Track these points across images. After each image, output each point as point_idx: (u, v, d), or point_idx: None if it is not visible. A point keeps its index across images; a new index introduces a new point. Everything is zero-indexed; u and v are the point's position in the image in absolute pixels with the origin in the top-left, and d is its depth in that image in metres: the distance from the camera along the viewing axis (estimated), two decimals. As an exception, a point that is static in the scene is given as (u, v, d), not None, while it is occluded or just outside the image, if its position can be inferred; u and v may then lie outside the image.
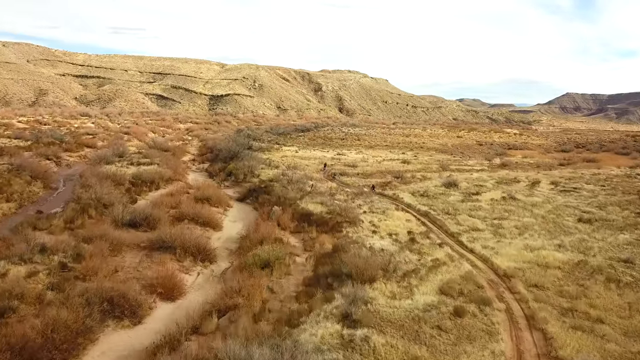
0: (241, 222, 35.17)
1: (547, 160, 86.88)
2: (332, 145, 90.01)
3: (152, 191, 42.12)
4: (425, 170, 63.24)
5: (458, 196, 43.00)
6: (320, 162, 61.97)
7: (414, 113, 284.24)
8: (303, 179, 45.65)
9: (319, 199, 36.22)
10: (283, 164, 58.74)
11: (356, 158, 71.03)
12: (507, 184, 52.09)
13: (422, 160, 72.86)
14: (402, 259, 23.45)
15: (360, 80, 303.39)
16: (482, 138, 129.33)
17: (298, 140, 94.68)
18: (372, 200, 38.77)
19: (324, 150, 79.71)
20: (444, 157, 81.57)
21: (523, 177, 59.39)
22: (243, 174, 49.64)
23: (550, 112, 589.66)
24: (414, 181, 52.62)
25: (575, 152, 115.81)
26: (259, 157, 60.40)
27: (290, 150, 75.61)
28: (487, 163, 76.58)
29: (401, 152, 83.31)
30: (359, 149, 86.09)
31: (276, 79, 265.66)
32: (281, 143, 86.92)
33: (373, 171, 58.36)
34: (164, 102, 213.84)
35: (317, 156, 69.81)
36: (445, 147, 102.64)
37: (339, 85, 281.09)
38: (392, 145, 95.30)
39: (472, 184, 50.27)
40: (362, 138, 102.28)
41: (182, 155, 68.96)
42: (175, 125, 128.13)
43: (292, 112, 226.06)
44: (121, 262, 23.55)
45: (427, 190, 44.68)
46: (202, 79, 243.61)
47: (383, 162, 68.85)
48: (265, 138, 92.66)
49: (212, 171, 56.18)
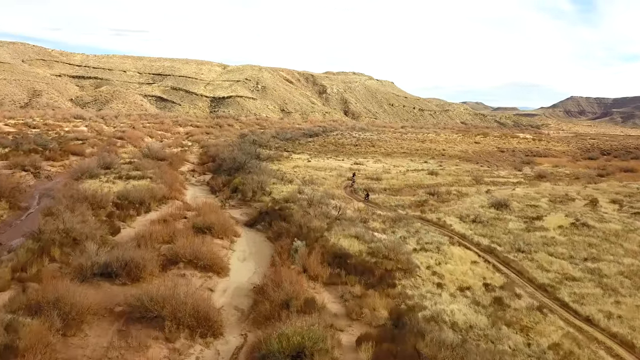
0: (253, 260, 27.17)
1: (582, 170, 78.85)
2: (345, 152, 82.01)
3: (141, 215, 34.07)
4: (458, 183, 55.33)
5: (517, 222, 35.04)
6: (338, 175, 53.96)
7: (421, 116, 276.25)
8: (324, 198, 37.61)
9: (353, 231, 28.19)
10: (296, 176, 50.75)
11: (376, 168, 63.02)
12: (562, 203, 44.13)
13: (450, 171, 64.85)
14: (505, 347, 15.43)
15: (366, 82, 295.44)
16: (500, 144, 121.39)
17: (308, 146, 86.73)
18: (418, 230, 30.75)
19: (338, 159, 71.70)
20: (471, 166, 73.58)
21: (573, 192, 51.39)
22: (252, 191, 41.59)
23: (554, 115, 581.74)
24: (452, 199, 44.70)
25: (604, 159, 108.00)
26: (268, 168, 52.39)
27: (302, 159, 67.61)
28: (520, 174, 68.57)
29: (423, 161, 75.33)
30: (375, 156, 78.08)
31: (279, 81, 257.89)
32: (290, 150, 78.93)
33: (401, 185, 50.37)
34: (164, 104, 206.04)
35: (332, 166, 61.80)
36: (467, 154, 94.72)
37: (344, 88, 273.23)
38: (410, 152, 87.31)
39: (524, 203, 42.31)
40: (376, 144, 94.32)
41: (180, 164, 60.94)
42: (174, 129, 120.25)
43: (296, 115, 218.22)
44: (79, 349, 15.52)
45: (477, 214, 36.66)
46: (203, 81, 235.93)
47: (407, 173, 60.89)
48: (273, 144, 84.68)
49: (215, 185, 48.13)
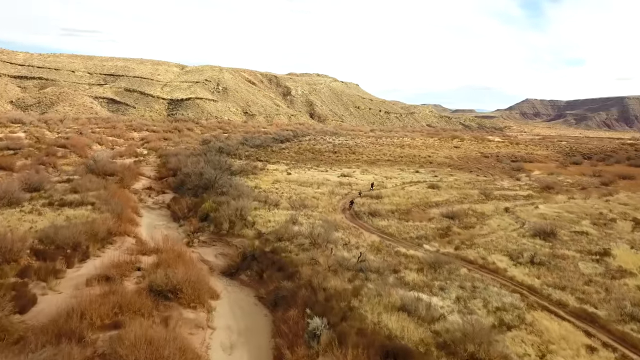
0: (245, 350, 17.61)
1: (582, 178, 72.79)
2: (325, 161, 72.78)
3: (73, 267, 23.77)
4: (467, 199, 47.21)
5: (585, 261, 26.78)
6: (330, 192, 44.57)
7: (387, 119, 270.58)
8: (329, 230, 28.21)
9: (395, 297, 19.03)
10: (281, 195, 41.08)
11: (368, 181, 54.12)
12: (607, 227, 36.47)
13: (450, 183, 56.75)
14: None
15: (331, 84, 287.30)
16: (480, 148, 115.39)
17: (282, 154, 76.96)
18: (473, 284, 21.80)
19: (320, 169, 62.35)
20: (468, 176, 65.89)
21: (603, 209, 44.16)
22: (228, 221, 31.73)
23: (511, 117, 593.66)
24: (475, 223, 36.24)
25: (590, 164, 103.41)
26: (244, 186, 42.49)
27: (280, 171, 57.88)
28: (524, 185, 61.29)
29: (414, 171, 67.08)
30: (360, 165, 69.24)
31: (242, 82, 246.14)
32: (264, 159, 68.98)
33: (407, 205, 41.56)
34: (116, 106, 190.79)
35: (317, 179, 52.40)
36: (454, 160, 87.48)
37: (308, 90, 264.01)
38: (395, 159, 78.99)
39: (567, 229, 34.24)
40: (356, 151, 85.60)
41: (133, 180, 50.09)
42: (127, 134, 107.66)
43: (260, 118, 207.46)
44: None
45: (524, 249, 28.24)
46: (159, 82, 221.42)
47: (405, 187, 52.29)
48: (242, 152, 74.43)
49: (178, 210, 37.93)
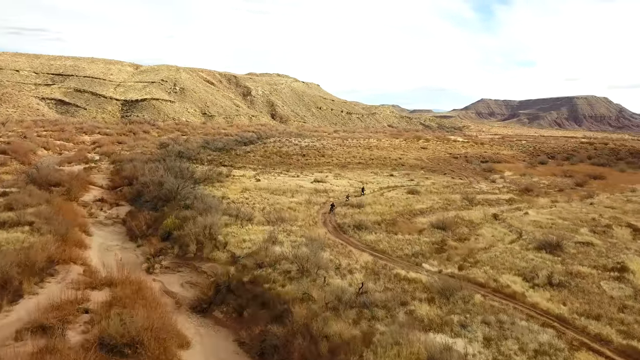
0: None
1: (556, 179, 71.71)
2: (294, 165, 68.59)
3: (1, 311, 18.85)
4: (451, 205, 44.31)
5: (605, 280, 23.84)
6: (307, 202, 40.46)
7: (349, 120, 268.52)
8: (317, 251, 24.13)
9: (418, 344, 15.16)
10: (253, 207, 36.69)
11: (343, 187, 50.41)
12: (606, 234, 34.10)
13: (429, 188, 53.78)
14: None
15: (292, 84, 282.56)
16: (447, 149, 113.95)
17: (247, 158, 72.18)
18: (501, 322, 18.27)
19: (291, 175, 58.17)
20: (443, 179, 63.28)
21: (593, 214, 42.05)
22: (196, 242, 27.18)
23: (467, 117, 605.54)
24: (468, 234, 33.11)
25: (556, 163, 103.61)
26: (210, 196, 37.84)
27: (247, 177, 53.31)
28: (502, 188, 59.14)
29: (388, 174, 63.92)
30: (332, 169, 65.50)
31: (200, 82, 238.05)
32: (228, 164, 64.11)
33: (391, 214, 38.04)
34: (66, 108, 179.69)
35: (290, 186, 48.20)
36: (424, 162, 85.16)
37: (269, 90, 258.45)
38: (365, 162, 75.73)
39: (571, 240, 31.49)
40: (325, 153, 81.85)
41: (82, 191, 44.47)
42: (77, 138, 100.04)
43: (220, 119, 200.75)
44: None
45: (535, 266, 25.18)
46: (112, 82, 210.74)
47: (384, 193, 48.90)
48: (204, 157, 69.20)
49: (135, 226, 32.98)
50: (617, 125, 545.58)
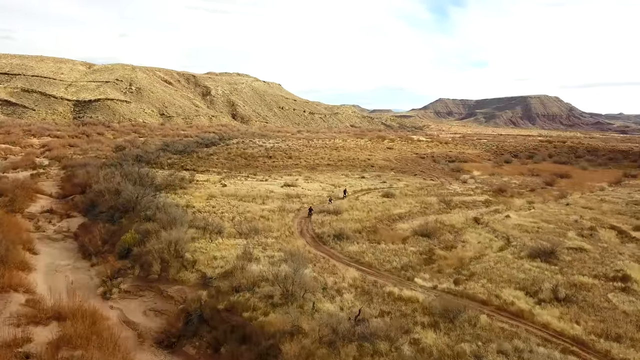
0: None
1: (526, 178, 71.43)
2: (261, 167, 65.42)
3: None
4: (429, 209, 42.58)
5: (613, 292, 22.23)
6: (280, 209, 37.56)
7: (312, 120, 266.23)
8: (299, 269, 21.38)
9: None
10: (222, 216, 33.54)
11: (315, 190, 47.81)
12: (592, 237, 32.94)
13: (403, 190, 51.91)
14: None
15: (253, 84, 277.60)
16: (412, 149, 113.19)
17: (211, 161, 68.41)
18: (518, 349, 16.08)
19: (258, 178, 55.07)
20: (415, 180, 61.68)
21: (572, 214, 41.16)
22: (160, 261, 23.93)
23: (426, 116, 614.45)
24: (456, 242, 31.15)
25: (520, 162, 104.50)
26: (174, 206, 34.41)
27: (212, 182, 49.88)
28: (475, 188, 58.01)
29: (359, 176, 61.77)
30: (301, 172, 62.74)
31: (157, 82, 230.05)
32: (190, 168, 60.31)
33: (370, 220, 35.79)
34: (12, 109, 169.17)
35: (259, 191, 45.16)
36: (392, 162, 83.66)
37: (229, 90, 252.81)
38: (335, 164, 73.38)
39: (562, 246, 29.95)
40: (292, 155, 78.99)
41: (29, 201, 40.02)
42: (25, 141, 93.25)
43: (178, 120, 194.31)
44: None
45: (536, 278, 23.36)
46: (63, 81, 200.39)
47: (359, 197, 46.63)
48: (164, 160, 65.00)
49: (89, 242, 29.30)
50: (568, 123, 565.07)
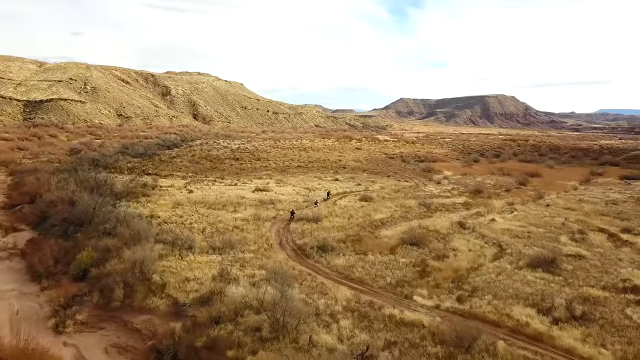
0: None
1: (499, 178, 70.76)
2: (229, 171, 62.00)
3: None
4: (410, 213, 40.67)
5: (630, 305, 20.53)
6: (254, 217, 34.54)
7: (276, 120, 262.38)
8: (286, 293, 18.64)
9: None
10: (190, 226, 30.32)
11: (289, 195, 44.99)
12: (585, 242, 31.61)
13: (380, 193, 49.85)
14: None
15: (214, 83, 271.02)
16: (381, 149, 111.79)
17: (174, 164, 64.39)
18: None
19: (226, 182, 51.77)
20: (390, 182, 59.82)
21: (556, 216, 40.07)
22: (122, 284, 20.67)
23: (388, 116, 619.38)
24: (447, 251, 29.08)
25: (488, 161, 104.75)
26: (135, 216, 30.95)
27: (177, 187, 46.30)
28: (451, 189, 56.56)
29: (332, 178, 59.37)
30: (271, 175, 59.76)
31: (114, 81, 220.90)
32: (152, 172, 56.30)
33: (352, 228, 33.40)
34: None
35: (229, 197, 41.96)
36: (363, 163, 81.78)
37: (190, 89, 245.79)
38: (306, 166, 70.73)
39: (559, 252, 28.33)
40: (260, 156, 75.79)
41: (-32, 213, 35.48)
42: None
43: (137, 121, 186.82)
44: None
45: (544, 292, 21.50)
46: (12, 81, 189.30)
47: (336, 201, 44.13)
48: (124, 164, 60.61)
49: (39, 261, 25.55)
50: (524, 122, 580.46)
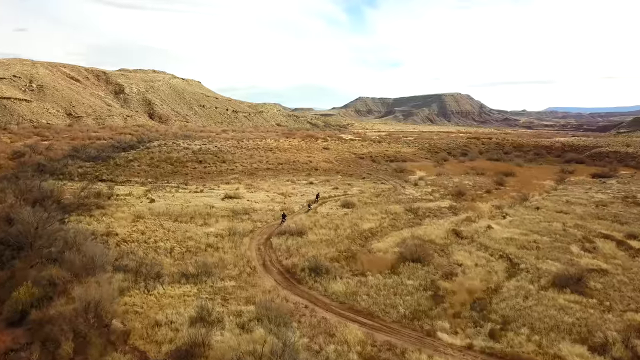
0: None
1: (477, 179, 68.49)
2: (192, 175, 56.86)
3: None
4: (399, 220, 37.24)
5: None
6: (230, 233, 30.05)
7: (235, 119, 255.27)
8: (287, 337, 14.56)
9: None
10: (154, 246, 25.61)
11: (266, 204, 40.62)
12: (596, 251, 28.93)
13: (361, 198, 46.21)
14: None
15: (170, 81, 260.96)
16: (348, 148, 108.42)
17: (131, 168, 58.55)
18: None
19: (191, 189, 46.82)
20: (367, 185, 56.39)
21: (553, 221, 37.50)
22: (72, 333, 15.94)
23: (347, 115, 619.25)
24: (452, 267, 25.71)
25: (456, 160, 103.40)
26: (88, 235, 25.95)
27: (137, 196, 41.08)
28: (433, 192, 53.61)
29: (306, 182, 55.36)
30: (239, 179, 55.11)
31: (62, 79, 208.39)
32: (107, 178, 50.57)
33: (342, 242, 29.63)
34: None
35: (197, 207, 37.21)
36: (334, 164, 78.14)
37: (145, 87, 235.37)
38: (275, 168, 66.32)
39: (578, 266, 25.41)
40: (226, 159, 70.75)
41: None
42: None
43: (89, 121, 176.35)
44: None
45: (601, 325, 18.29)
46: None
47: (317, 207, 40.12)
48: (74, 169, 54.38)
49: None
50: (479, 120, 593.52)
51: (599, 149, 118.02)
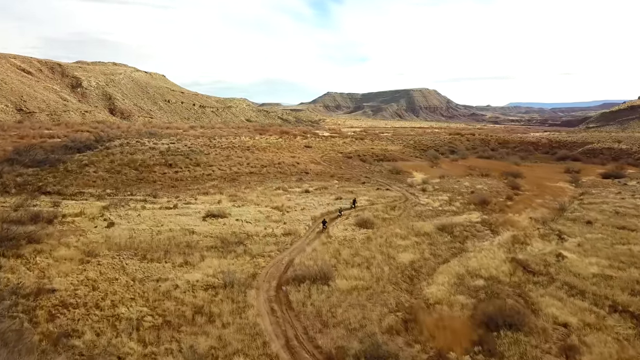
0: None
1: (488, 182, 60.85)
2: (162, 183, 46.88)
3: None
4: (440, 247, 28.75)
5: None
6: (223, 279, 20.83)
7: (203, 114, 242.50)
8: None
9: None
10: (113, 313, 16.33)
11: (260, 223, 31.46)
12: None
13: (375, 212, 37.56)
14: None
15: (132, 74, 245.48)
16: (331, 146, 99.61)
17: (86, 175, 48.03)
18: None
19: (160, 203, 37.04)
20: (373, 193, 47.84)
21: (624, 240, 29.83)
22: None
23: (316, 110, 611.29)
24: (549, 326, 17.39)
25: (450, 159, 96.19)
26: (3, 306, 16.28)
27: (90, 216, 31.16)
28: (452, 201, 45.51)
29: (301, 190, 46.36)
30: (220, 187, 45.49)
31: (12, 71, 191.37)
32: (53, 189, 40.06)
33: (385, 289, 20.86)
34: None
35: (172, 233, 27.75)
36: (324, 165, 69.51)
37: (105, 81, 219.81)
38: (260, 172, 56.93)
39: None
40: (200, 161, 60.77)
41: None
42: None
43: (42, 116, 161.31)
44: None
45: None
46: None
47: (328, 228, 31.21)
48: (11, 178, 43.47)
49: None
50: (447, 115, 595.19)
51: (590, 145, 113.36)
